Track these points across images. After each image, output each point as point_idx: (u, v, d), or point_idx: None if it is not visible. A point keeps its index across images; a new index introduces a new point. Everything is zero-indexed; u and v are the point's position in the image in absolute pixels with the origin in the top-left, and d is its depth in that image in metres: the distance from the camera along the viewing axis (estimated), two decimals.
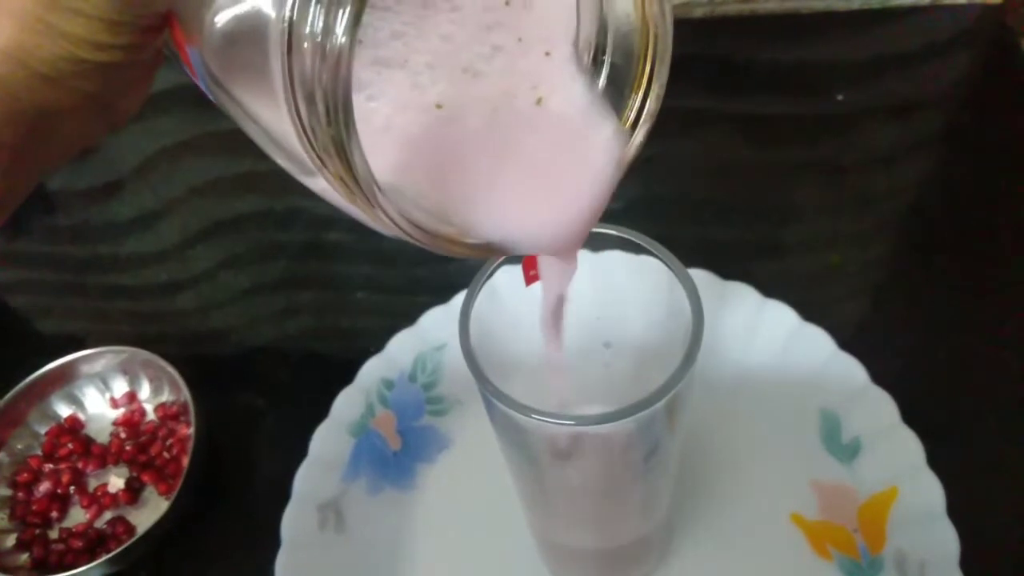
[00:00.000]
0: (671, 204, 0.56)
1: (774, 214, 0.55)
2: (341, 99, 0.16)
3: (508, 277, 0.30)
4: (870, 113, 0.59)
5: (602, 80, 0.24)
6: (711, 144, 0.58)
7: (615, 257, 0.30)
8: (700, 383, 0.44)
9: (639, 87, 0.23)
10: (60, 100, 0.22)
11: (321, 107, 0.16)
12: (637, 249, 0.30)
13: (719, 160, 0.58)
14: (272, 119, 0.18)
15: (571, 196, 0.23)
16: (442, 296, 0.48)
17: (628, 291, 0.32)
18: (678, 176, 0.57)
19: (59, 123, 0.23)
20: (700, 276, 0.46)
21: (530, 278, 0.31)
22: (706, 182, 0.57)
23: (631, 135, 0.24)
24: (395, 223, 0.19)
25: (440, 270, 0.55)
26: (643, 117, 0.24)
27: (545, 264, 0.27)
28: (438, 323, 0.47)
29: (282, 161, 0.20)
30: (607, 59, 0.24)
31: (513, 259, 0.30)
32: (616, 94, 0.24)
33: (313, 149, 0.17)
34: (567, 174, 0.23)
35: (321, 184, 0.19)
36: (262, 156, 0.66)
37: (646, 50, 0.23)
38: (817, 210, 0.55)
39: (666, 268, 0.29)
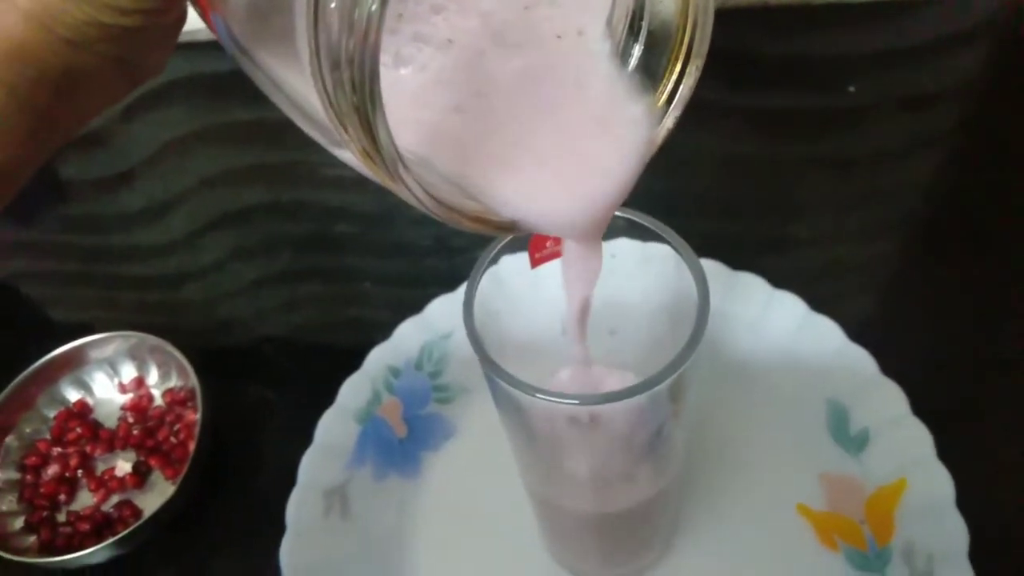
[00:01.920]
0: (680, 197, 0.56)
1: (784, 207, 0.55)
2: (368, 71, 0.16)
3: (514, 258, 0.30)
4: (882, 106, 0.58)
5: (638, 51, 0.23)
6: (721, 137, 0.58)
7: (620, 245, 0.30)
8: (708, 372, 0.44)
9: (674, 67, 0.23)
10: (85, 63, 0.22)
11: (347, 76, 0.16)
12: (643, 234, 0.29)
13: (728, 153, 0.58)
14: (298, 87, 0.18)
15: (596, 175, 0.22)
16: (449, 287, 0.48)
17: (633, 278, 0.32)
18: (687, 169, 0.56)
19: (84, 84, 0.23)
20: (710, 266, 0.46)
21: (535, 260, 0.31)
22: (715, 175, 0.57)
23: (663, 115, 0.23)
24: (416, 197, 0.19)
25: (447, 261, 0.55)
26: (676, 99, 0.23)
27: (568, 264, 0.27)
28: (444, 312, 0.47)
29: (308, 129, 0.20)
30: (644, 28, 0.23)
31: (519, 241, 0.30)
32: (653, 66, 0.23)
33: (338, 120, 0.17)
34: (594, 153, 0.22)
35: (348, 154, 0.19)
36: (270, 147, 0.66)
37: (684, 26, 0.22)
38: (827, 203, 0.54)
39: (673, 252, 0.29)
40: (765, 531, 0.40)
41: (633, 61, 0.24)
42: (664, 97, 0.23)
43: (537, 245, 0.31)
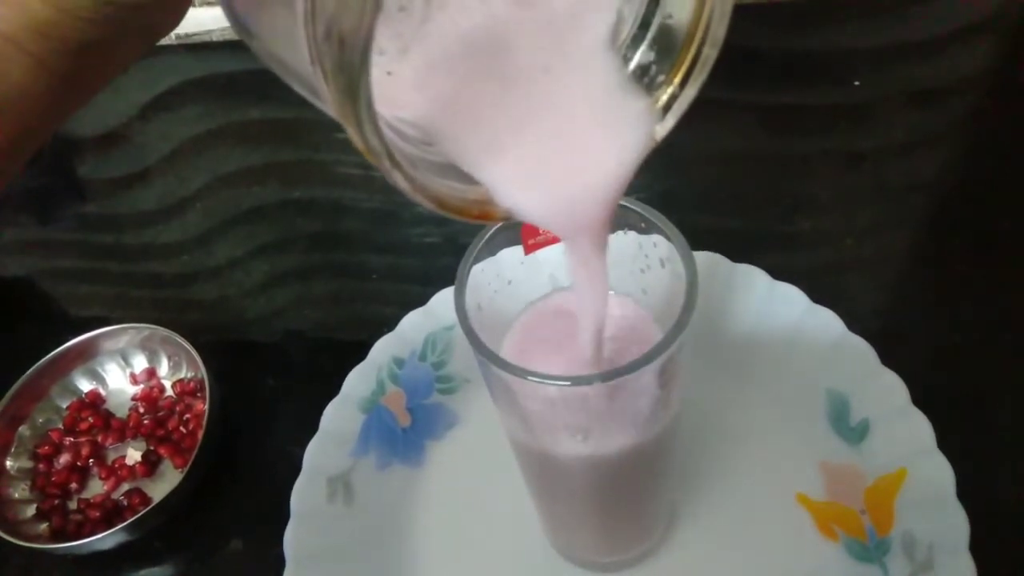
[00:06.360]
0: (685, 193, 0.56)
1: (788, 203, 0.55)
2: (355, 73, 0.16)
3: (508, 240, 0.31)
4: (887, 100, 0.58)
5: (644, 48, 0.23)
6: (725, 132, 0.58)
7: (618, 238, 0.30)
8: (709, 363, 0.44)
9: (679, 69, 0.22)
10: (103, 35, 0.24)
11: (335, 81, 0.16)
12: (639, 226, 0.30)
13: (733, 148, 0.58)
14: (305, 72, 0.18)
15: (589, 171, 0.22)
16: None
17: (629, 271, 0.32)
18: (692, 165, 0.57)
19: (103, 52, 0.25)
20: (711, 259, 0.46)
21: (529, 247, 0.32)
22: (720, 170, 0.57)
23: (662, 116, 0.23)
24: (404, 190, 0.19)
25: (455, 259, 0.55)
26: (677, 101, 0.23)
27: (577, 287, 0.26)
28: (449, 304, 0.47)
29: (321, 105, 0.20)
30: (653, 27, 0.23)
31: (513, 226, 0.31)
32: (658, 65, 0.23)
33: (340, 116, 0.17)
34: (590, 148, 0.22)
35: None
36: (283, 146, 0.66)
37: (696, 28, 0.22)
38: (832, 198, 0.54)
39: (666, 242, 0.29)
40: (764, 520, 0.40)
41: (637, 59, 0.24)
42: (666, 97, 0.23)
43: (531, 231, 0.31)
